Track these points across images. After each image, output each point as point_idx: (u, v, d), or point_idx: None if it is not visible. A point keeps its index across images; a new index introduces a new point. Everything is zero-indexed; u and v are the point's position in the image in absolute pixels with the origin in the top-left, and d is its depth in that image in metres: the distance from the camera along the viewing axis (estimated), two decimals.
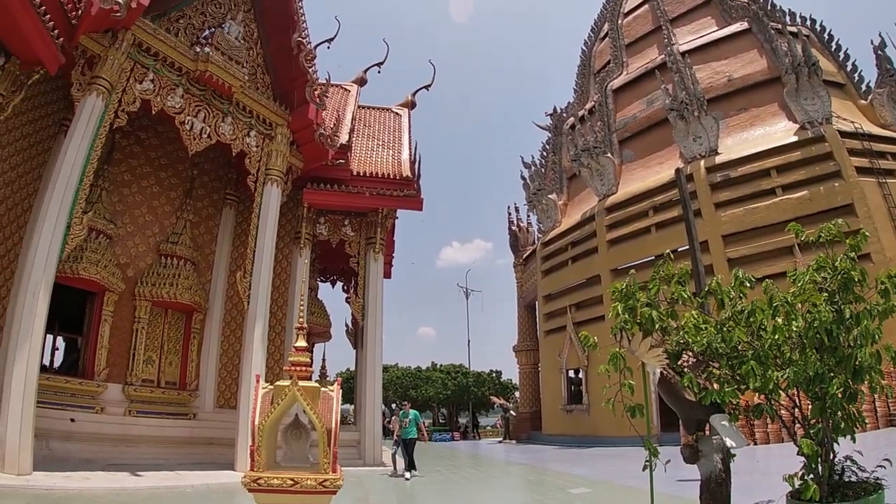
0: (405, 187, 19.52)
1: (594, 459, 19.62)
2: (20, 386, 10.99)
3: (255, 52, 16.92)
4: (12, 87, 12.35)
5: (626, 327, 6.33)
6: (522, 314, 38.62)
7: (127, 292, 15.52)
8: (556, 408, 30.35)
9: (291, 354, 7.29)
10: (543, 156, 37.20)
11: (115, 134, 14.90)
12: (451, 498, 12.81)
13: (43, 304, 11.63)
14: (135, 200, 16.30)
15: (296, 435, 7.88)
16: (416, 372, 50.25)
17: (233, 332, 17.54)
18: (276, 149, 16.79)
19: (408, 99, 25.22)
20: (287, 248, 18.94)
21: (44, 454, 11.99)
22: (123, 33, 13.50)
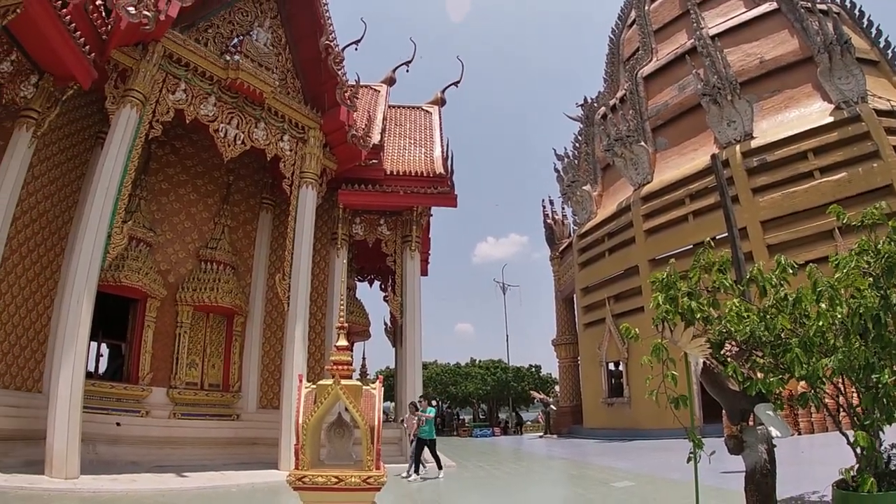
0: (439, 184, 19.30)
1: (636, 452, 19.22)
2: (66, 392, 11.05)
3: (284, 57, 16.83)
4: (47, 104, 12.50)
5: (668, 317, 6.18)
6: (560, 307, 38.01)
7: (169, 298, 15.59)
8: (596, 401, 29.89)
9: (333, 353, 7.19)
10: (576, 147, 36.47)
11: (151, 144, 14.93)
12: (493, 493, 12.62)
13: (86, 312, 11.69)
14: (173, 208, 16.35)
15: (339, 433, 7.76)
16: (455, 368, 49.73)
17: (273, 334, 17.49)
18: (310, 152, 16.68)
19: (437, 96, 24.87)
20: (324, 248, 18.81)
21: (91, 458, 12.07)
22: (154, 45, 13.49)
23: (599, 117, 33.77)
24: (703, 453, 5.92)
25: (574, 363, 35.97)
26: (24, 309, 12.65)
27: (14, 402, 11.99)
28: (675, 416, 5.91)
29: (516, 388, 46.64)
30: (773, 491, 6.31)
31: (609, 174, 32.94)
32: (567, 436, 32.85)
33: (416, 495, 12.08)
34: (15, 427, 11.76)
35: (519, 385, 46.95)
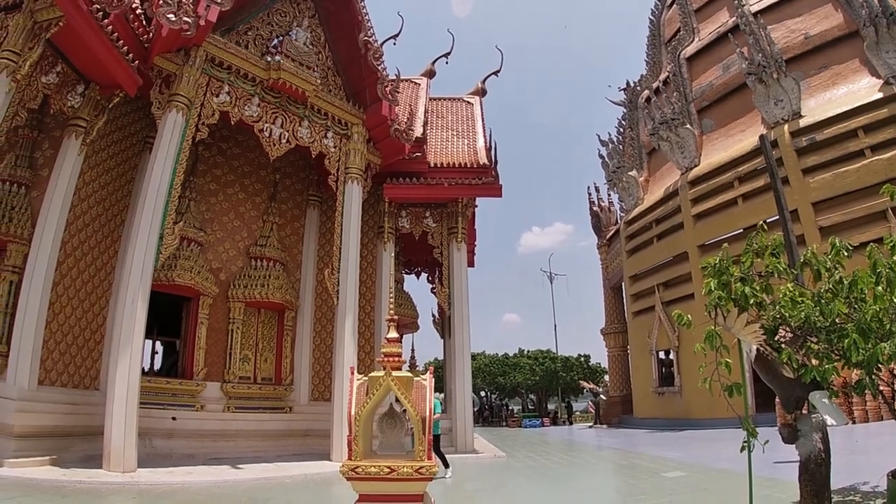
0: (483, 175, 18.87)
1: (687, 442, 18.56)
2: (123, 389, 11.13)
3: (324, 55, 16.60)
4: (95, 112, 12.60)
5: (721, 304, 5.95)
6: (609, 296, 36.89)
7: (221, 295, 15.61)
8: (646, 390, 28.95)
9: (384, 345, 7.00)
10: (620, 132, 35.07)
11: (198, 146, 14.90)
12: (544, 482, 12.15)
13: (141, 311, 11.74)
14: (222, 208, 16.34)
15: (391, 424, 7.62)
16: (503, 359, 48.51)
17: (324, 328, 17.39)
18: (354, 147, 16.46)
19: (478, 86, 24.32)
20: (371, 242, 18.59)
21: (147, 452, 12.15)
22: (196, 50, 13.45)
23: (643, 101, 32.41)
24: (757, 442, 5.64)
25: (623, 352, 34.93)
26: (80, 310, 12.78)
27: (72, 399, 12.15)
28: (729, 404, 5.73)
29: (565, 378, 45.53)
30: (828, 481, 6.07)
31: (655, 158, 31.77)
32: (617, 426, 31.99)
33: (468, 485, 11.79)
34: (73, 424, 11.93)
35: (568, 375, 45.78)
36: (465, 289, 18.99)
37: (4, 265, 11.86)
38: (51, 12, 10.68)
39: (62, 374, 12.18)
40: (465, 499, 10.16)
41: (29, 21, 10.72)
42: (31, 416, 10.91)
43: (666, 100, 28.49)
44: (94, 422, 11.79)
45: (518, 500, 10.01)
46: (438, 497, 7.89)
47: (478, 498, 10.29)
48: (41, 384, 11.42)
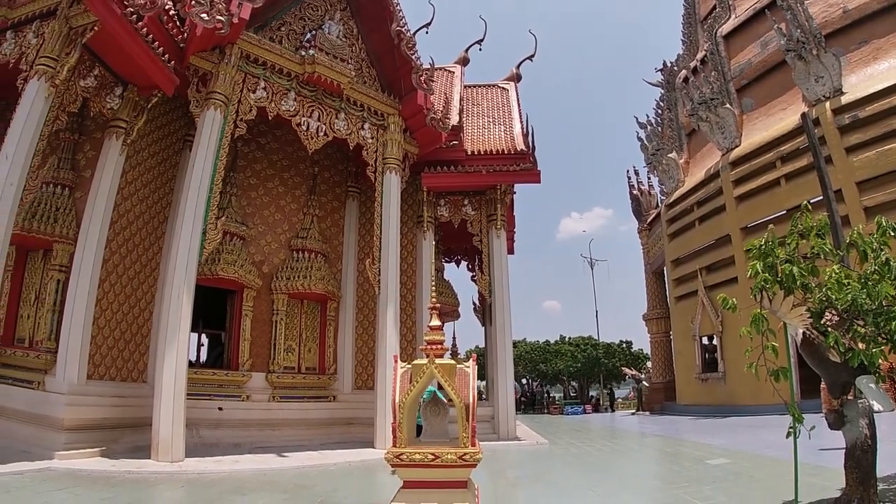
0: (521, 161, 18.35)
1: (731, 429, 17.94)
2: (170, 381, 11.17)
3: (358, 47, 16.30)
4: (134, 112, 12.55)
5: (767, 286, 5.68)
6: (651, 281, 35.76)
7: (264, 287, 15.56)
8: (689, 377, 28.04)
9: (426, 333, 6.82)
10: (658, 114, 33.85)
11: (237, 142, 14.84)
12: (587, 469, 11.86)
13: (187, 304, 11.75)
14: (263, 202, 16.27)
15: (434, 411, 7.47)
16: (544, 346, 47.62)
17: (366, 317, 17.20)
18: (391, 138, 16.18)
19: (513, 72, 23.64)
20: (411, 232, 18.33)
21: (195, 441, 12.19)
22: (230, 48, 13.32)
23: (681, 81, 31.21)
24: (803, 428, 5.38)
25: (666, 338, 33.92)
26: (126, 306, 12.83)
27: (120, 392, 12.24)
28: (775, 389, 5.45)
29: (607, 365, 44.51)
30: (873, 468, 5.76)
31: (695, 140, 30.64)
32: (659, 413, 31.12)
33: (510, 472, 11.50)
34: (121, 416, 12.02)
35: (609, 361, 44.73)
36: (505, 276, 18.54)
37: (51, 264, 11.94)
38: (85, 17, 10.64)
39: (110, 368, 12.25)
40: (508, 486, 9.90)
41: (64, 27, 10.71)
42: (80, 410, 10.97)
43: (704, 79, 27.24)
44: (142, 413, 11.86)
45: (560, 488, 9.70)
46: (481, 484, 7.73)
47: (520, 485, 10.03)
48: (90, 378, 11.49)
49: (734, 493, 8.01)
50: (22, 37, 11.18)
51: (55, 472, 9.27)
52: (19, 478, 8.59)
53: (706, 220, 27.00)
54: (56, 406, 10.70)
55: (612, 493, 8.90)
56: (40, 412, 10.78)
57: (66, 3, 10.73)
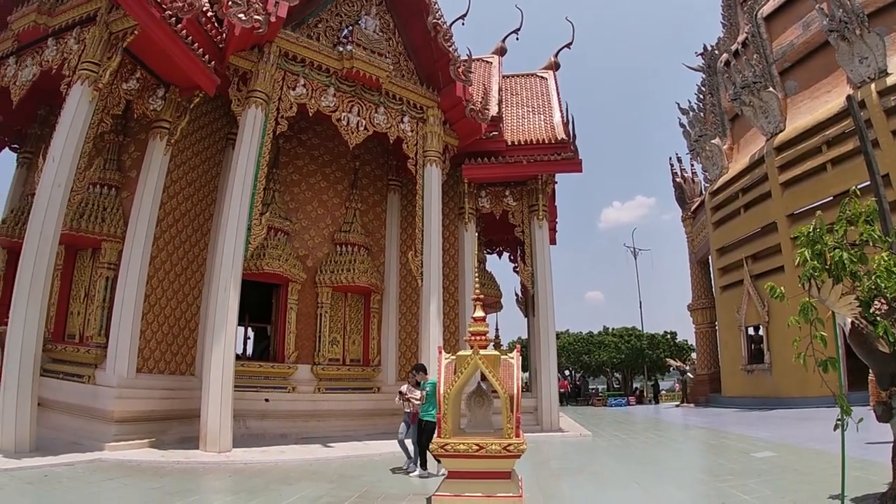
0: (562, 150, 17.85)
1: (777, 422, 17.24)
2: (218, 373, 11.22)
3: (395, 41, 16.07)
4: (176, 113, 12.55)
5: (815, 274, 5.50)
6: (695, 270, 34.22)
7: (308, 281, 15.45)
8: (735, 368, 26.87)
9: (470, 325, 6.63)
10: (700, 99, 32.32)
11: (279, 139, 14.69)
12: (630, 461, 11.50)
13: (233, 299, 11.78)
14: (305, 197, 16.14)
15: (479, 402, 7.29)
16: (587, 337, 46.27)
17: (409, 309, 17.01)
18: (431, 130, 15.94)
19: (551, 61, 23.03)
20: (453, 224, 18.00)
21: (242, 432, 12.19)
22: (269, 47, 13.26)
23: (722, 65, 29.73)
24: (851, 421, 5.05)
25: (711, 328, 32.53)
26: (174, 301, 12.88)
27: (169, 385, 12.32)
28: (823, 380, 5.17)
29: (651, 356, 42.97)
30: None
31: (738, 125, 29.21)
32: (704, 405, 29.89)
33: (553, 464, 11.20)
34: (170, 408, 12.08)
35: (654, 353, 43.11)
36: (548, 267, 18.13)
37: (100, 262, 12.08)
38: (125, 22, 10.69)
39: (159, 361, 12.32)
40: (551, 477, 9.56)
41: (105, 32, 10.77)
42: (130, 402, 11.05)
43: (746, 62, 25.95)
44: (191, 405, 11.90)
45: (604, 479, 9.40)
46: (525, 475, 7.48)
47: (563, 476, 9.69)
48: (139, 372, 11.57)
49: (779, 487, 7.69)
50: (63, 43, 11.33)
51: (105, 462, 9.36)
52: (70, 469, 8.69)
53: (751, 207, 25.79)
54: (106, 399, 10.78)
55: (656, 485, 8.63)
56: (91, 405, 10.90)
57: (105, 8, 10.79)
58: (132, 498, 7.38)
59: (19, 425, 9.17)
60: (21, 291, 9.57)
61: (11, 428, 9.10)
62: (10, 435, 9.08)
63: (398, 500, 7.33)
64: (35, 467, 8.37)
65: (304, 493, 7.69)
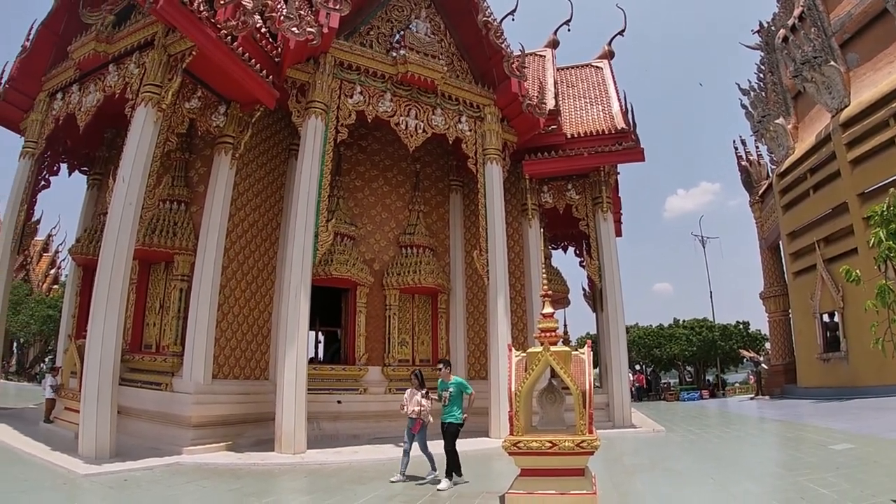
0: (623, 140, 16.97)
1: (855, 412, 16.13)
2: (292, 377, 11.15)
3: (447, 42, 15.61)
4: (239, 128, 12.54)
5: (891, 255, 5.16)
6: (766, 257, 31.88)
7: (376, 284, 15.25)
8: (810, 357, 24.74)
9: (539, 321, 6.27)
10: (760, 78, 30.16)
11: (340, 147, 14.56)
12: (706, 456, 10.92)
13: (304, 304, 11.70)
14: (369, 202, 15.95)
15: (550, 399, 6.96)
16: (657, 330, 43.27)
17: (476, 308, 16.49)
18: (489, 128, 15.41)
19: (605, 49, 22.02)
20: (516, 221, 17.42)
21: (315, 434, 12.07)
22: (324, 57, 13.14)
23: (780, 41, 27.39)
24: None
25: (785, 317, 30.18)
26: (246, 308, 12.89)
27: (244, 389, 12.32)
28: None
29: (723, 348, 40.11)
30: None
31: (801, 102, 27.05)
32: (779, 396, 27.83)
33: (626, 460, 10.75)
34: (245, 412, 12.08)
35: (726, 344, 40.16)
36: (614, 259, 17.25)
37: (173, 275, 12.19)
38: (182, 44, 10.71)
39: (234, 367, 12.32)
40: (625, 474, 9.10)
41: (163, 55, 10.83)
42: (206, 408, 11.07)
43: (804, 37, 23.84)
44: (265, 409, 11.85)
45: (679, 475, 8.97)
46: (598, 472, 7.17)
47: (637, 473, 9.24)
48: (215, 378, 11.58)
49: (859, 480, 7.29)
50: (124, 68, 11.47)
51: (184, 466, 9.45)
52: (150, 472, 8.81)
53: (821, 187, 23.75)
54: (184, 405, 10.83)
55: (732, 480, 8.17)
56: (169, 411, 10.98)
57: (161, 32, 10.85)
58: (211, 499, 7.39)
59: (100, 432, 9.27)
60: (98, 305, 9.68)
61: (92, 435, 9.22)
62: (92, 442, 9.19)
63: (471, 499, 7.14)
64: (116, 472, 8.48)
65: (378, 493, 7.63)
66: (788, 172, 26.16)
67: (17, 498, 6.89)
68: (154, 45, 10.87)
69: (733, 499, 6.93)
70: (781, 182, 26.79)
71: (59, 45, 13.37)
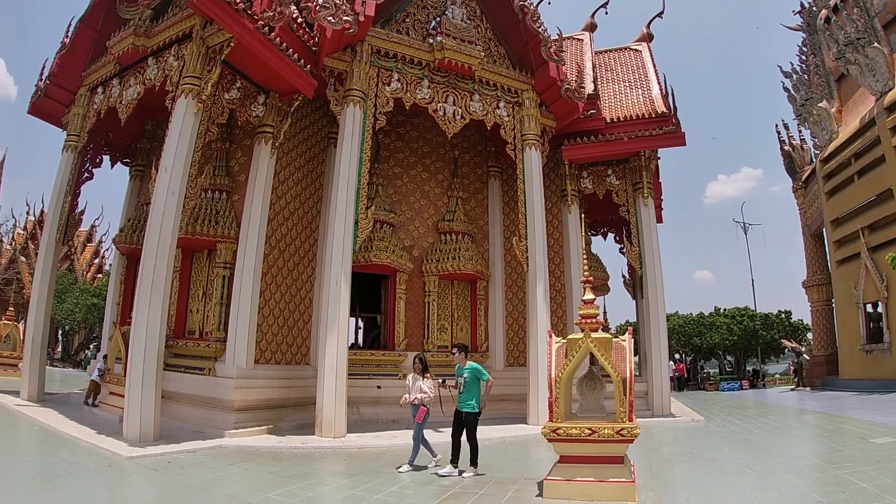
0: (663, 124, 16.36)
1: None
2: (332, 362, 11.13)
3: (483, 27, 15.21)
4: (278, 117, 12.46)
5: None
6: (809, 244, 30.43)
7: (415, 271, 15.11)
8: (853, 348, 23.63)
9: (580, 308, 6.09)
10: (803, 60, 28.70)
11: (378, 134, 14.42)
12: (744, 447, 10.62)
13: (345, 291, 11.64)
14: (408, 189, 15.78)
15: (590, 386, 6.83)
16: (697, 318, 41.73)
17: (515, 294, 16.21)
18: (527, 114, 15.01)
19: (643, 32, 21.21)
20: (555, 207, 16.97)
21: (355, 419, 12.03)
22: (361, 45, 12.96)
23: (822, 22, 26.05)
24: None
25: (828, 307, 28.86)
26: (287, 295, 12.87)
27: (285, 374, 12.31)
28: None
29: (765, 337, 38.43)
30: None
31: (845, 85, 25.79)
32: (820, 388, 26.71)
33: (665, 450, 10.50)
34: (286, 396, 12.09)
35: (767, 333, 38.45)
36: (655, 246, 16.74)
37: (216, 262, 12.23)
38: (220, 36, 10.64)
39: (275, 352, 12.33)
40: (664, 463, 8.90)
41: (202, 47, 10.77)
42: (248, 392, 11.09)
43: (847, 18, 22.69)
44: (306, 393, 11.85)
45: (718, 466, 8.71)
46: (636, 461, 7.17)
47: (676, 462, 8.99)
48: (257, 363, 11.59)
49: None
50: (163, 61, 11.47)
51: (226, 448, 9.52)
52: (193, 455, 8.90)
53: (865, 173, 22.59)
54: (226, 389, 10.86)
55: (772, 472, 7.92)
56: (212, 395, 11.03)
57: (199, 24, 10.79)
58: (253, 481, 7.40)
59: (144, 416, 9.35)
60: (143, 293, 9.73)
61: (137, 419, 9.30)
62: (136, 425, 9.28)
63: (510, 485, 7.03)
64: (159, 454, 8.54)
65: (417, 477, 7.68)
66: (832, 157, 24.97)
67: (65, 479, 6.98)
68: (192, 37, 10.81)
69: (773, 490, 6.71)
70: (825, 167, 25.60)
71: (97, 41, 13.47)
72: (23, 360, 15.43)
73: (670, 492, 6.75)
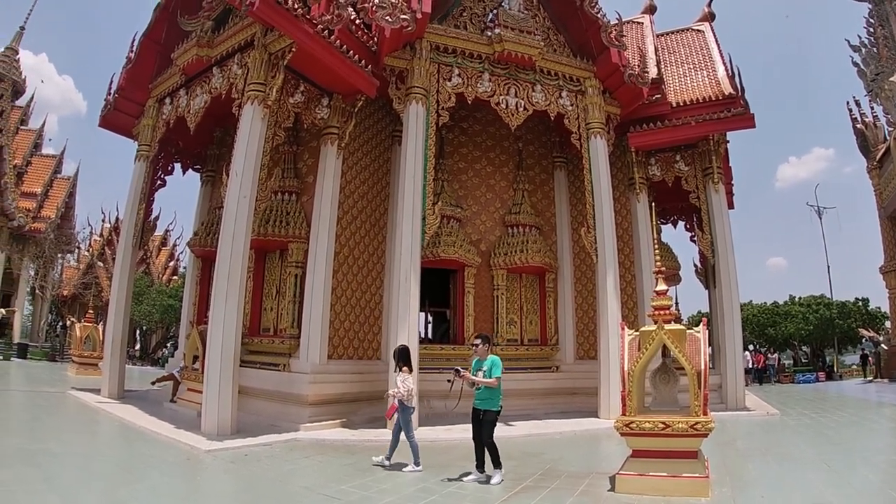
0: (731, 106, 15.23)
1: None
2: None
3: (541, 17, 14.56)
4: (343, 118, 12.27)
5: None
6: (886, 227, 27.73)
7: (483, 265, 14.68)
8: None
9: (653, 299, 5.67)
10: (870, 32, 26.26)
11: (442, 130, 14.01)
12: (821, 441, 10.23)
13: (414, 286, 11.42)
14: (473, 183, 15.36)
15: (664, 379, 6.69)
16: (772, 308, 39.22)
17: (584, 287, 15.50)
18: (590, 102, 14.29)
19: (705, 11, 19.88)
20: (623, 196, 16.10)
21: (426, 412, 11.69)
22: (420, 42, 12.63)
23: None
24: None
25: None
26: (358, 292, 12.70)
27: (358, 369, 12.15)
28: None
29: (841, 326, 35.57)
30: None
31: None
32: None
33: (739, 444, 9.96)
34: (359, 390, 11.91)
35: (844, 322, 35.63)
36: (727, 233, 15.65)
37: (288, 262, 12.18)
38: (282, 42, 10.51)
39: (347, 348, 12.18)
40: (738, 457, 8.56)
41: (264, 54, 10.67)
42: (322, 387, 10.97)
43: None
44: (378, 387, 11.54)
45: (794, 461, 8.35)
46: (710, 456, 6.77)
47: (750, 457, 8.53)
48: (330, 358, 11.46)
49: None
50: (227, 70, 11.43)
51: (301, 442, 9.48)
52: (269, 448, 8.75)
53: None
54: (301, 384, 10.77)
55: (850, 467, 7.67)
56: (286, 390, 10.97)
57: (260, 32, 10.69)
58: (328, 473, 7.48)
59: (221, 411, 9.34)
60: (218, 293, 9.73)
61: (214, 413, 9.30)
62: (214, 420, 9.27)
63: (581, 479, 6.86)
64: (236, 448, 8.54)
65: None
66: None
67: (146, 472, 7.10)
68: (254, 45, 10.73)
69: (849, 486, 6.44)
70: None
71: (161, 54, 13.62)
72: (103, 360, 15.93)
73: (744, 487, 6.41)
